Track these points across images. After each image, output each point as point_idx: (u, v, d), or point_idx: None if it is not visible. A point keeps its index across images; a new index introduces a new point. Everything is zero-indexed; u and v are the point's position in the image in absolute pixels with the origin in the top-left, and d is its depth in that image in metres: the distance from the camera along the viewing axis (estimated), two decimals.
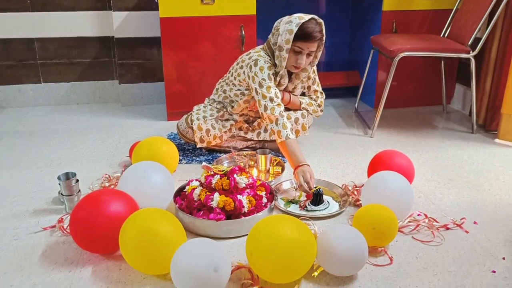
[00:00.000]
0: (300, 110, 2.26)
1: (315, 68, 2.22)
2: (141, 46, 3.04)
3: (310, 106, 2.27)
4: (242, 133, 2.29)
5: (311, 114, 2.29)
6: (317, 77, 2.26)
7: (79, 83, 3.15)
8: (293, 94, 2.23)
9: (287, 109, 2.27)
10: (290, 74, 2.16)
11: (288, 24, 1.97)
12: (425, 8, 2.82)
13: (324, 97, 2.31)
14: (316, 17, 1.98)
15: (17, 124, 2.79)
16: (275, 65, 2.07)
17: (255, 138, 2.29)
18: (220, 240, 1.57)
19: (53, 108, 3.12)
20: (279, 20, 2.04)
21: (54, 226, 1.65)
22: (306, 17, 1.96)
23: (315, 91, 2.28)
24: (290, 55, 2.01)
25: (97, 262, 1.47)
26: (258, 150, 2.10)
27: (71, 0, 2.95)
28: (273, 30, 2.05)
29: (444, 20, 2.77)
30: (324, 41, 2.04)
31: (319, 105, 2.29)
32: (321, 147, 2.41)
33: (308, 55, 2.01)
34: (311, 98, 2.29)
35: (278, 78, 2.08)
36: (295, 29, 1.94)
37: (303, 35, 1.95)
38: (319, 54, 2.08)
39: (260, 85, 2.00)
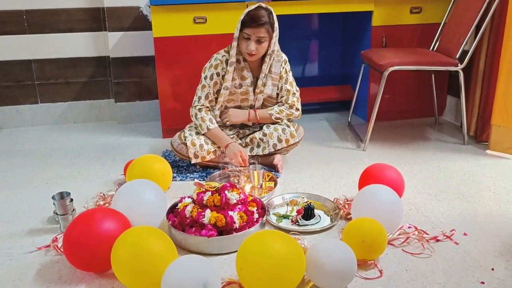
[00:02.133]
0: (274, 121, 2.29)
1: (288, 67, 2.26)
2: (136, 65, 3.09)
3: (282, 113, 2.29)
4: None
5: (289, 120, 2.30)
6: (289, 77, 2.28)
7: (76, 103, 3.19)
8: (264, 97, 2.27)
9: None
10: (259, 71, 2.21)
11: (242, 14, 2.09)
12: (414, 22, 2.87)
13: (298, 96, 2.30)
14: (264, 4, 2.08)
15: (14, 144, 2.83)
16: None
17: (248, 154, 2.32)
18: (212, 256, 1.59)
19: (50, 127, 3.15)
20: None
21: (48, 246, 1.67)
22: (255, 5, 2.08)
23: (288, 90, 2.27)
24: (242, 43, 2.11)
25: (91, 281, 1.48)
26: (250, 166, 2.12)
27: (67, 22, 3.01)
28: None
29: (433, 34, 2.82)
30: (274, 29, 2.10)
31: (291, 106, 2.29)
32: (314, 160, 2.43)
33: (258, 41, 2.08)
34: (281, 104, 2.30)
35: (239, 72, 2.19)
36: (242, 17, 2.07)
37: (249, 20, 2.05)
38: (273, 42, 2.12)
39: (200, 81, 2.24)
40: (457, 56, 2.49)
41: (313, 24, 3.32)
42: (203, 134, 2.24)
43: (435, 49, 2.77)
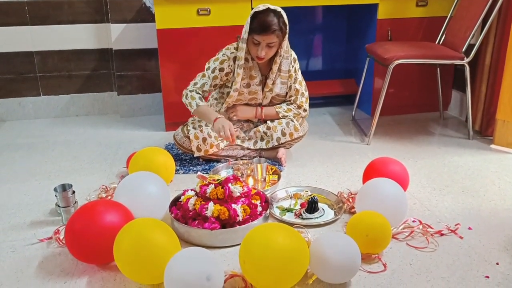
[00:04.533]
0: (280, 118, 2.28)
1: (297, 66, 2.22)
2: (139, 57, 3.07)
3: (289, 112, 2.28)
4: (239, 142, 2.30)
5: (296, 119, 2.29)
6: (299, 76, 2.25)
7: (78, 95, 3.18)
8: (273, 95, 2.24)
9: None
10: (268, 69, 2.18)
11: (249, 16, 2.04)
12: (419, 15, 2.84)
13: (306, 96, 2.29)
14: (273, 7, 2.01)
15: (17, 137, 2.82)
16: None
17: (252, 147, 2.31)
18: (215, 249, 1.58)
19: (53, 120, 3.14)
20: None
21: (50, 238, 1.66)
22: (262, 7, 2.01)
23: (297, 90, 2.25)
24: (251, 47, 2.08)
25: (93, 273, 1.48)
26: (254, 159, 2.11)
27: (70, 14, 2.99)
28: None
29: (438, 27, 2.79)
30: (285, 31, 2.05)
31: (299, 106, 2.28)
32: (317, 155, 2.42)
33: (269, 46, 2.04)
34: (290, 103, 2.29)
35: (247, 71, 2.15)
36: (249, 20, 2.02)
37: (258, 27, 2.00)
38: (284, 43, 2.09)
39: (202, 70, 2.21)
40: (463, 49, 2.46)
41: (317, 17, 3.30)
42: (192, 113, 2.17)
43: (440, 42, 2.75)
